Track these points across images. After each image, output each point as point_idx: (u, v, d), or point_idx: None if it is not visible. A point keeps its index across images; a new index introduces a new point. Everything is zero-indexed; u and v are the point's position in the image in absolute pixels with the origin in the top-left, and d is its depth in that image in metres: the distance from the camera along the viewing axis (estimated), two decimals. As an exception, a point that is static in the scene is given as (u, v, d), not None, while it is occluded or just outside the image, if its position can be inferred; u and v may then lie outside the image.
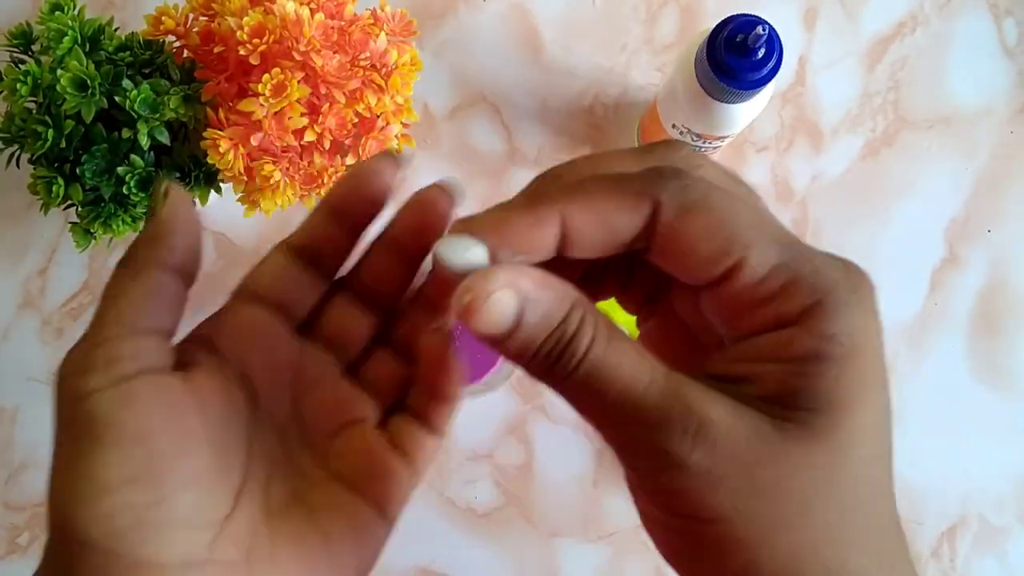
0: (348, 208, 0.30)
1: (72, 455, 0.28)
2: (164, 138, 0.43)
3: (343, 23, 0.44)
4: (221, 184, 0.47)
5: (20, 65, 0.44)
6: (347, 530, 0.30)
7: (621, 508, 0.54)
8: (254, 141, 0.42)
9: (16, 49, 0.45)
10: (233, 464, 0.29)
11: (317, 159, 0.44)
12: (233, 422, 0.30)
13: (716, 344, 0.26)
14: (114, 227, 0.44)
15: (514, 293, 0.22)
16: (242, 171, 0.43)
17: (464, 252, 0.23)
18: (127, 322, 0.28)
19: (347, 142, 0.44)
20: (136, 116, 0.42)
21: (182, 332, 0.31)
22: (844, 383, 0.23)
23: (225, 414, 0.30)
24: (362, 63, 0.43)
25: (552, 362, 0.22)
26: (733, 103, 0.41)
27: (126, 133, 0.42)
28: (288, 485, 0.31)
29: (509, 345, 0.22)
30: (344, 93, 0.43)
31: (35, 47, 0.45)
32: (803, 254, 0.24)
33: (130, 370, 0.28)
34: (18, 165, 0.45)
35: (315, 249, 0.30)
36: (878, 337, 0.24)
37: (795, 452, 0.22)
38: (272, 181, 0.43)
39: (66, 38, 0.42)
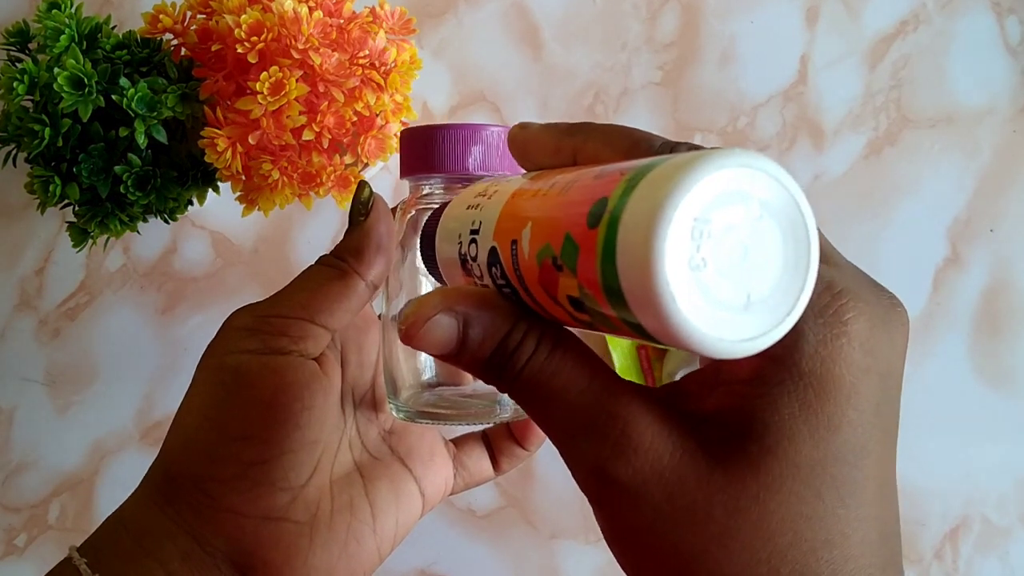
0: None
1: (206, 398, 0.33)
2: (162, 137, 0.42)
3: (342, 21, 0.44)
4: (219, 183, 0.46)
5: (17, 63, 0.44)
6: (391, 499, 0.35)
7: (622, 509, 0.54)
8: (252, 140, 0.42)
9: (13, 47, 0.45)
10: (320, 438, 0.34)
11: (315, 158, 0.43)
12: (334, 403, 0.35)
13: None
14: (111, 227, 0.44)
15: (452, 315, 0.23)
16: (240, 170, 0.43)
17: None
18: (311, 311, 0.33)
19: (346, 141, 0.44)
20: (133, 115, 0.41)
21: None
22: (788, 409, 0.21)
23: (332, 398, 0.35)
24: (361, 61, 0.43)
25: (498, 371, 0.24)
26: None
27: (123, 132, 0.42)
28: (352, 455, 0.36)
29: (458, 360, 0.24)
30: (343, 91, 0.42)
31: (32, 45, 0.45)
32: (824, 271, 0.22)
33: (287, 348, 0.33)
34: (15, 164, 0.44)
35: None
36: (863, 378, 0.21)
37: (719, 476, 0.21)
38: (270, 180, 0.43)
39: (63, 36, 0.42)
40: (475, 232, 0.25)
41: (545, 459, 0.54)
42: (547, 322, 0.24)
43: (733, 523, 0.21)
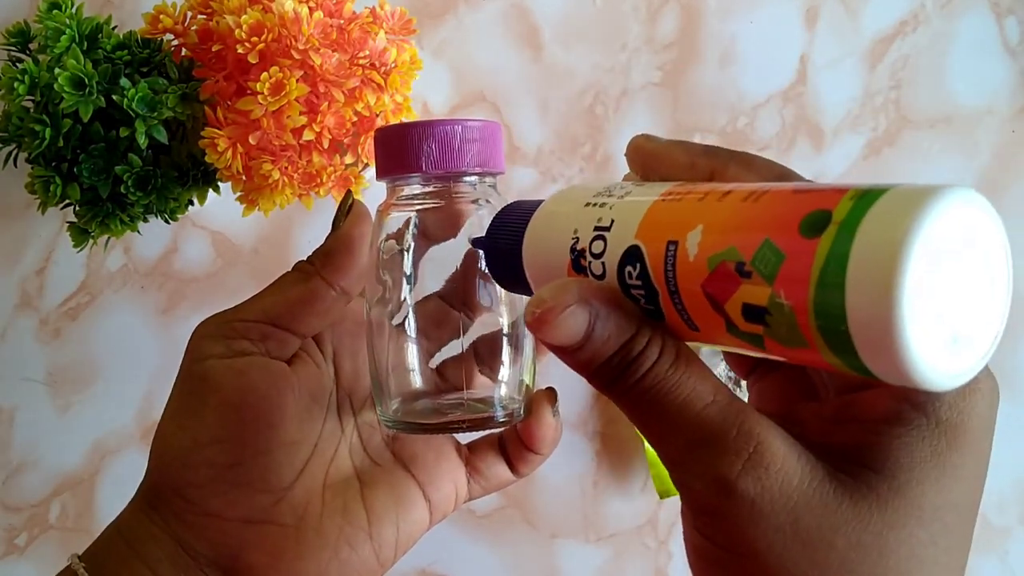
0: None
1: (179, 406, 0.33)
2: (162, 137, 0.43)
3: (342, 21, 0.44)
4: (219, 183, 0.46)
5: (18, 64, 0.44)
6: (390, 505, 0.35)
7: (621, 509, 0.54)
8: (252, 140, 0.42)
9: (13, 48, 0.45)
10: (307, 440, 0.34)
11: (316, 158, 0.44)
12: (317, 405, 0.35)
13: (808, 393, 0.26)
14: (111, 226, 0.44)
15: (587, 308, 0.22)
16: (240, 170, 0.43)
17: None
18: (272, 314, 0.33)
19: (346, 141, 0.44)
20: (134, 115, 0.42)
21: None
22: (921, 454, 0.21)
23: (313, 399, 0.35)
24: (361, 62, 0.43)
25: (616, 375, 0.23)
26: None
27: (124, 132, 0.42)
28: (353, 461, 0.36)
29: (576, 356, 0.23)
30: (343, 92, 0.42)
31: (33, 46, 0.45)
32: None
33: (249, 350, 0.33)
34: (16, 164, 0.45)
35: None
36: (985, 434, 0.23)
37: (846, 507, 0.21)
38: (270, 180, 0.43)
39: (64, 36, 0.42)
40: (603, 229, 0.24)
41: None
42: (667, 331, 0.23)
43: (854, 556, 0.21)
